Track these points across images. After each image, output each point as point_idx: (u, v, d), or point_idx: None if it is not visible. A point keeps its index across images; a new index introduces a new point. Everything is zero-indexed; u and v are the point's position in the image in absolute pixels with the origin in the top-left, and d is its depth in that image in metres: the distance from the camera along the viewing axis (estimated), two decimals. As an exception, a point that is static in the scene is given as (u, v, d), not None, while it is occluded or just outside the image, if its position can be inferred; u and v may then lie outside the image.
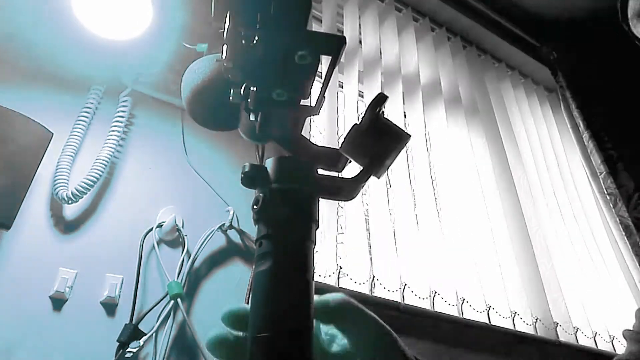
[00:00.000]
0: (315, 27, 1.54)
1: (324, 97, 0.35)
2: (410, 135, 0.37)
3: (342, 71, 1.49)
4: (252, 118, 0.35)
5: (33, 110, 0.84)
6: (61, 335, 0.77)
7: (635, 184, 1.63)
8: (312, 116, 0.36)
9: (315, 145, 0.39)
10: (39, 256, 0.81)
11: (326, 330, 0.35)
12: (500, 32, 1.93)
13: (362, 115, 0.36)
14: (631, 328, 0.62)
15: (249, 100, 0.34)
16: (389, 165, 0.37)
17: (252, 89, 0.32)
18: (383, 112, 0.37)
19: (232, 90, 0.35)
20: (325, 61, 0.34)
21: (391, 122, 0.36)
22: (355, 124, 0.36)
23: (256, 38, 0.30)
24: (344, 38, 0.31)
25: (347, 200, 0.38)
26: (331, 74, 0.34)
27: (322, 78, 0.36)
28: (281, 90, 0.32)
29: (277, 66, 0.31)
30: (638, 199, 1.61)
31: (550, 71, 1.98)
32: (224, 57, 0.32)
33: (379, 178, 0.38)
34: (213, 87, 0.78)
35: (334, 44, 0.31)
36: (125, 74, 1.00)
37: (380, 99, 0.35)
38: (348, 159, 0.38)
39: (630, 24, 0.72)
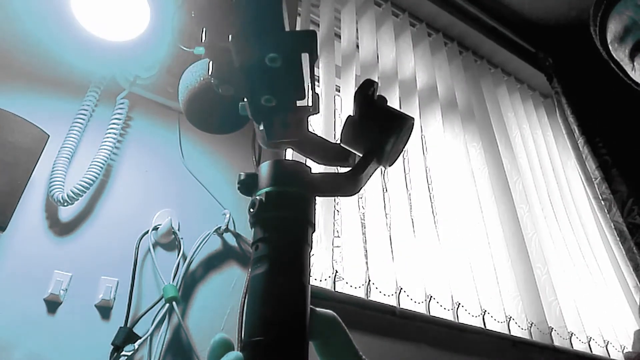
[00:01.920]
0: (312, 31, 1.55)
1: (317, 94, 0.35)
2: (412, 118, 0.35)
3: (340, 75, 1.49)
4: (261, 127, 0.35)
5: (29, 112, 0.83)
6: (55, 338, 0.77)
7: (629, 190, 1.64)
8: (312, 115, 0.36)
9: (327, 141, 0.38)
10: (33, 258, 0.81)
11: None
12: (496, 38, 1.94)
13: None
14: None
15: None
16: (392, 151, 0.35)
17: (244, 100, 0.33)
18: (377, 96, 0.36)
19: (240, 104, 0.36)
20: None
21: (389, 106, 0.35)
22: (349, 115, 0.36)
23: (231, 49, 0.30)
24: (314, 32, 0.30)
25: (351, 195, 0.37)
26: (312, 70, 0.34)
27: (318, 81, 0.36)
28: (269, 96, 0.32)
29: (255, 73, 0.31)
30: (632, 204, 1.62)
31: (546, 77, 2.00)
32: (209, 73, 0.32)
33: (385, 167, 0.36)
34: (209, 91, 0.78)
35: (305, 40, 0.30)
36: (123, 76, 1.00)
37: (366, 84, 0.35)
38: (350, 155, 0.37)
39: (610, 48, 0.70)
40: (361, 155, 0.36)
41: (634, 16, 0.63)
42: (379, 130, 0.35)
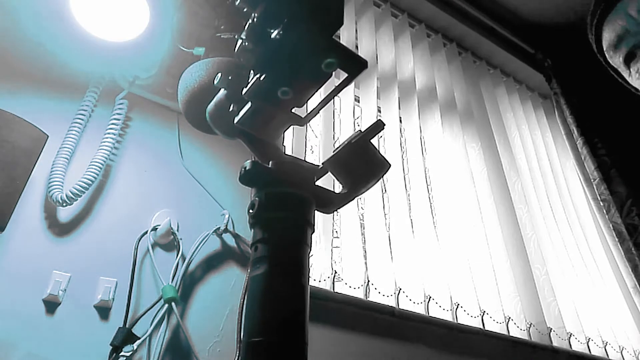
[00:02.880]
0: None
1: (318, 113, 0.36)
2: (390, 165, 0.38)
3: (339, 75, 1.49)
4: (234, 107, 0.35)
5: (28, 112, 0.83)
6: (54, 339, 0.77)
7: (628, 191, 1.64)
8: (297, 125, 0.36)
9: (287, 155, 0.38)
10: (32, 259, 0.81)
11: None
12: (495, 39, 1.94)
13: (356, 136, 0.36)
14: None
15: (242, 88, 0.33)
16: (369, 189, 0.38)
17: (259, 77, 0.32)
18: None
19: (219, 75, 0.35)
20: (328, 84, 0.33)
21: (379, 152, 0.37)
22: (347, 143, 0.36)
23: (281, 32, 0.29)
24: (367, 63, 0.31)
25: (326, 214, 0.39)
26: (338, 93, 0.34)
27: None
28: (288, 89, 0.31)
29: (301, 66, 0.30)
30: (631, 205, 1.62)
31: (545, 78, 2.00)
32: (244, 36, 0.31)
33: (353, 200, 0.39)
34: (209, 91, 0.78)
35: (358, 65, 0.31)
36: (122, 76, 1.00)
37: (378, 127, 0.36)
38: (320, 175, 0.38)
39: (606, 55, 0.71)
40: (341, 182, 0.37)
41: (626, 25, 0.65)
42: (370, 173, 0.37)
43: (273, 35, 0.29)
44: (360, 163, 0.36)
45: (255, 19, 0.30)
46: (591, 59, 0.76)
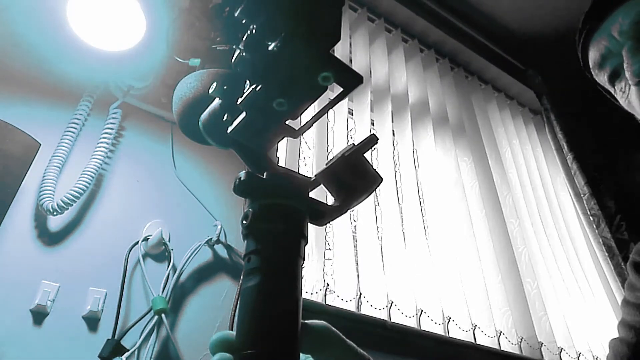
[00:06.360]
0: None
1: (312, 125, 0.36)
2: (382, 179, 0.38)
3: (333, 89, 1.50)
4: (228, 117, 0.35)
5: (21, 120, 0.83)
6: (41, 350, 0.76)
7: (617, 206, 1.66)
8: (290, 137, 0.36)
9: (280, 166, 0.38)
10: (21, 268, 0.80)
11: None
12: (487, 55, 1.97)
13: (349, 149, 0.36)
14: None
15: (237, 98, 0.33)
16: (359, 204, 0.39)
17: (255, 88, 0.32)
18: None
19: (215, 84, 0.35)
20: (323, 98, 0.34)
21: (372, 166, 0.38)
22: (341, 156, 0.36)
23: (279, 44, 0.29)
24: (362, 78, 0.32)
25: (319, 226, 0.39)
26: (332, 106, 0.34)
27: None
28: (284, 101, 0.32)
29: (295, 77, 0.31)
30: (620, 220, 1.64)
31: (535, 94, 2.03)
32: (242, 46, 0.31)
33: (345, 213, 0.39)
34: (203, 102, 0.78)
35: (353, 79, 0.31)
36: (117, 86, 1.00)
37: (372, 141, 0.36)
38: (313, 187, 0.38)
39: (593, 72, 0.73)
40: (333, 195, 0.38)
41: (609, 45, 0.66)
42: (362, 186, 0.37)
43: (271, 47, 0.29)
44: (353, 176, 0.36)
45: (254, 31, 0.30)
46: (580, 75, 0.78)
